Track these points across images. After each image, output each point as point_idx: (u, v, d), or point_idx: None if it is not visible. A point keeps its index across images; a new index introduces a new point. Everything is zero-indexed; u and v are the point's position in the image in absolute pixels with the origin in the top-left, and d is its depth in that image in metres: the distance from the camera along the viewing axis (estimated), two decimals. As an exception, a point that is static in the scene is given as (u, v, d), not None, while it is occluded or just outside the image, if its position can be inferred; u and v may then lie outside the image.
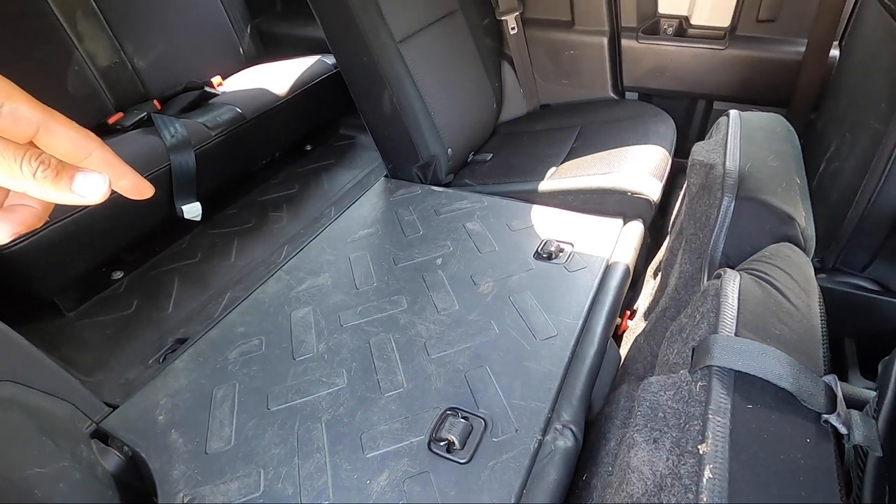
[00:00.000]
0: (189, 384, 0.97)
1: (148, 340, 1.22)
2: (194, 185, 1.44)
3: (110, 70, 1.57)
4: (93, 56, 1.54)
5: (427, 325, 1.03)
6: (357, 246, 1.28)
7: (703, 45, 1.53)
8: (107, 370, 1.16)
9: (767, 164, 0.79)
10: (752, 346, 0.47)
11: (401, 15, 1.38)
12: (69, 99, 1.49)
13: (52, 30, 1.46)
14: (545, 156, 1.51)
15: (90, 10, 1.54)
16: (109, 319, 1.30)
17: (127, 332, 1.25)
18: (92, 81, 1.54)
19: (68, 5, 1.49)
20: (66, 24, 1.49)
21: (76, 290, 1.35)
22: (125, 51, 1.62)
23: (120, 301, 1.35)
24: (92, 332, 1.27)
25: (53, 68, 1.47)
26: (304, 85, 1.78)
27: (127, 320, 1.29)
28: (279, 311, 1.11)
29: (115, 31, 1.59)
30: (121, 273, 1.43)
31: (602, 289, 1.07)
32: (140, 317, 1.30)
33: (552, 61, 1.76)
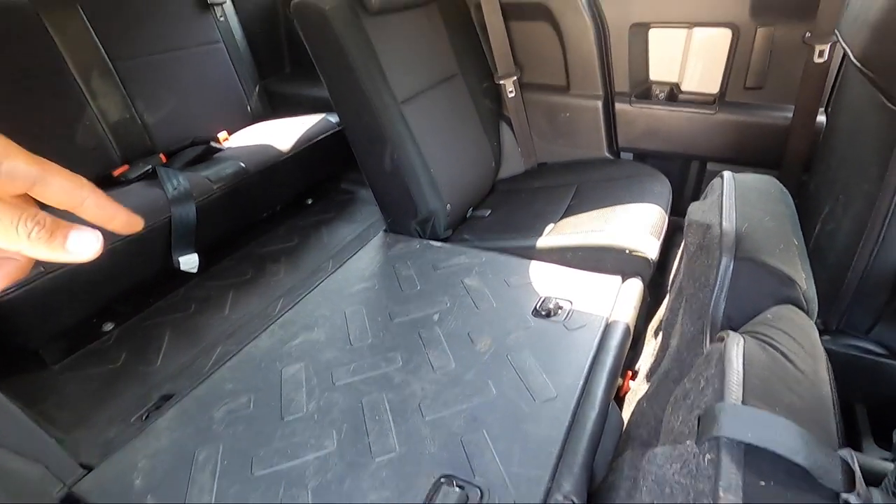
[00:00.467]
0: (171, 445, 0.93)
1: (133, 396, 1.17)
2: (193, 237, 1.44)
3: (120, 125, 1.62)
4: (104, 112, 1.59)
5: (422, 384, 1.00)
6: (354, 300, 1.27)
7: (695, 110, 1.58)
8: (87, 427, 1.11)
9: (764, 225, 0.79)
10: (762, 417, 0.45)
11: (403, 78, 1.43)
12: (77, 150, 1.53)
13: (67, 86, 1.52)
14: (543, 213, 1.52)
15: (106, 70, 1.60)
16: (95, 373, 1.26)
17: (112, 387, 1.21)
18: (101, 135, 1.58)
19: (85, 64, 1.56)
20: (82, 81, 1.55)
21: (63, 341, 1.32)
22: (136, 107, 1.68)
23: (108, 354, 1.31)
24: (76, 386, 1.23)
25: (64, 121, 1.51)
26: (308, 141, 1.83)
27: (113, 374, 1.25)
28: (270, 368, 1.08)
29: (128, 89, 1.66)
30: (112, 324, 1.40)
31: (602, 348, 1.04)
32: (127, 371, 1.26)
33: (549, 122, 1.82)
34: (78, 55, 1.54)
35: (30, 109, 1.45)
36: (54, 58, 1.50)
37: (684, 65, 1.63)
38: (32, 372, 1.27)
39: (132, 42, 1.69)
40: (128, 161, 1.62)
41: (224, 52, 1.98)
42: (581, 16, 1.59)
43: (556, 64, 1.73)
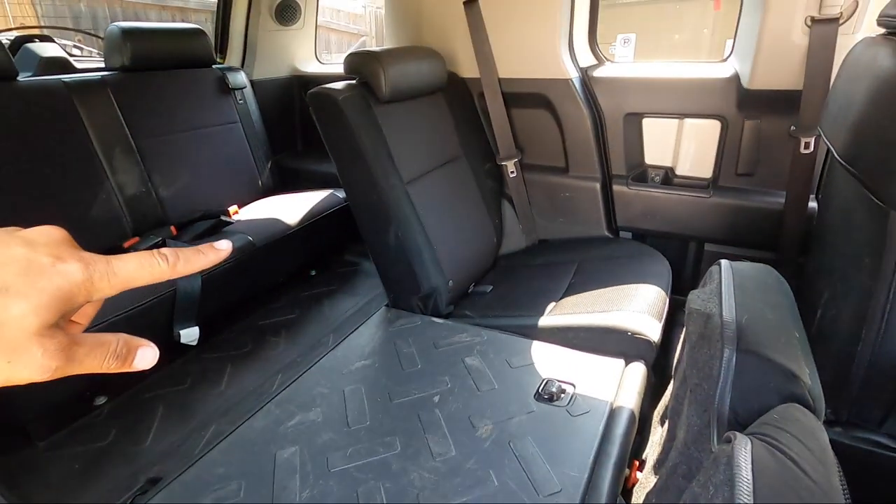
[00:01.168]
0: (153, 537, 0.88)
1: (118, 478, 1.12)
2: (196, 309, 1.45)
3: (135, 198, 1.69)
4: (122, 186, 1.66)
5: (421, 472, 0.96)
6: (353, 378, 1.25)
7: (690, 194, 1.64)
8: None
9: (764, 317, 0.80)
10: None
11: (409, 161, 1.51)
12: (90, 221, 1.58)
13: (90, 162, 1.60)
14: (544, 290, 1.54)
15: (128, 148, 1.69)
16: (82, 451, 1.21)
17: (97, 468, 1.16)
18: (116, 208, 1.64)
19: (109, 142, 1.65)
20: (104, 158, 1.63)
21: (52, 416, 1.29)
22: (153, 181, 1.75)
23: (97, 430, 1.27)
24: (60, 466, 1.18)
25: (83, 194, 1.57)
26: (315, 216, 1.88)
27: (101, 453, 1.20)
28: (264, 451, 1.04)
29: (146, 164, 1.74)
30: (104, 398, 1.37)
31: (607, 437, 1.01)
32: (115, 449, 1.21)
33: (549, 201, 1.88)
34: (103, 134, 1.63)
35: (51, 181, 1.51)
36: (81, 136, 1.59)
37: (678, 151, 1.72)
38: (16, 449, 1.22)
39: (156, 122, 1.80)
40: (139, 233, 1.66)
41: (241, 130, 2.09)
42: (578, 105, 1.70)
43: (556, 147, 1.82)
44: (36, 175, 1.48)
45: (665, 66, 1.68)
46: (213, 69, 2.05)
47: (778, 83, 1.43)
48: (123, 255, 0.29)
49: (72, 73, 1.75)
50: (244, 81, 2.13)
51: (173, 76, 1.89)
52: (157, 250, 0.31)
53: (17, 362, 0.25)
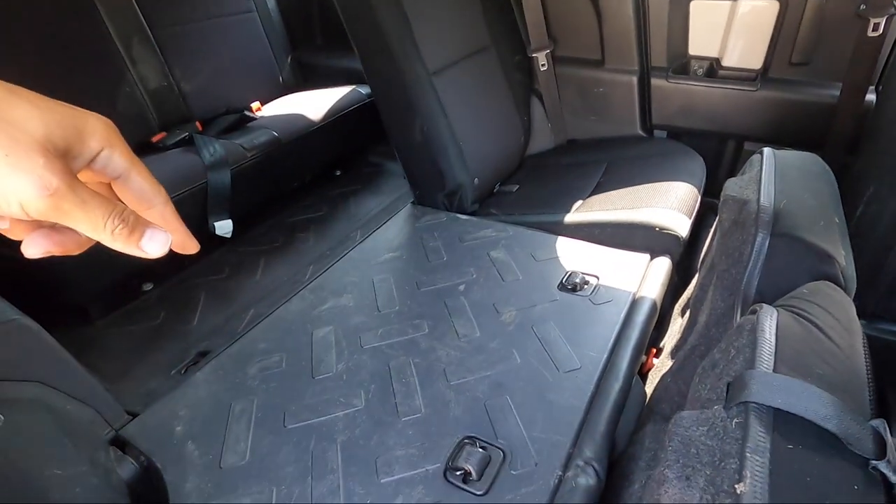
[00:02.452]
0: (208, 397, 0.98)
1: (172, 352, 1.23)
2: (228, 203, 1.49)
3: (158, 92, 1.66)
4: (144, 79, 1.63)
5: (447, 350, 1.02)
6: (381, 269, 1.29)
7: (735, 87, 1.53)
8: (129, 379, 1.17)
9: (804, 202, 0.77)
10: (793, 384, 0.45)
11: (435, 49, 1.42)
12: (118, 117, 1.57)
13: (108, 53, 1.56)
14: (572, 189, 1.51)
15: (145, 37, 1.64)
16: (136, 329, 1.32)
17: (152, 343, 1.27)
18: (140, 102, 1.62)
19: (125, 31, 1.59)
20: (123, 47, 1.59)
21: (107, 298, 1.39)
22: (174, 75, 1.71)
23: (148, 312, 1.38)
24: (118, 341, 1.29)
25: (106, 88, 1.56)
26: (338, 112, 1.84)
27: (153, 331, 1.31)
28: (301, 330, 1.12)
29: (166, 56, 1.69)
30: (151, 285, 1.47)
31: (628, 323, 1.05)
32: (165, 328, 1.32)
33: (581, 98, 1.79)
34: (119, 22, 1.58)
35: (74, 74, 1.49)
36: (97, 24, 1.54)
37: (726, 38, 1.57)
38: (78, 326, 1.34)
39: (169, 9, 1.72)
40: (165, 128, 1.66)
41: (257, 21, 1.99)
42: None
43: (592, 37, 1.69)
44: (58, 68, 1.46)
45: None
46: (224, -50, 1.90)
47: (853, -48, 1.26)
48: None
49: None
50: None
51: (183, -43, 1.77)
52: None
53: (15, 161, 0.23)
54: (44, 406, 0.83)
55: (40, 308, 1.23)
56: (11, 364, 0.82)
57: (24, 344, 0.84)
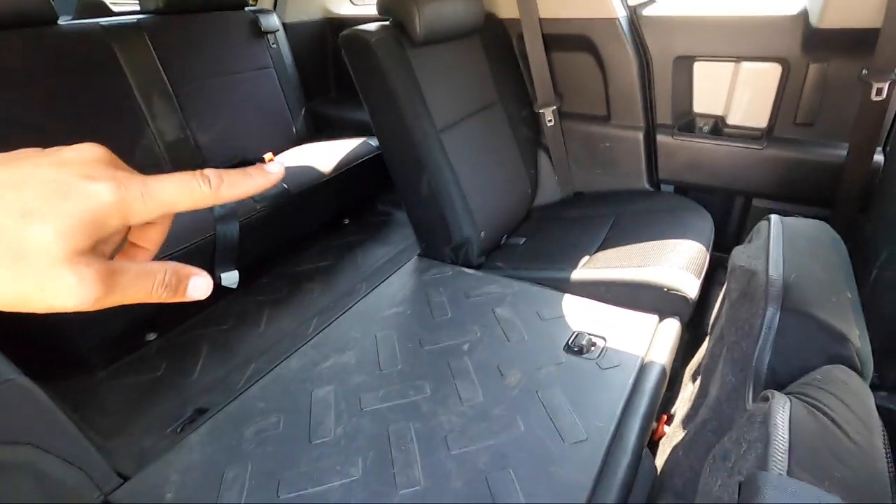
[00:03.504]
0: (202, 460, 0.95)
1: (170, 407, 1.21)
2: (236, 254, 1.50)
3: (174, 144, 1.72)
4: (162, 132, 1.68)
5: (449, 416, 0.99)
6: (385, 324, 1.28)
7: (741, 145, 1.54)
8: (124, 436, 1.15)
9: (814, 275, 0.75)
10: (810, 492, 0.42)
11: (443, 107, 1.46)
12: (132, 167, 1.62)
13: (130, 108, 1.63)
14: (578, 244, 1.50)
15: (165, 93, 1.71)
16: (136, 382, 1.31)
17: (150, 397, 1.25)
18: (157, 154, 1.67)
19: (147, 87, 1.66)
20: (144, 104, 1.65)
21: (109, 349, 1.38)
22: (190, 127, 1.77)
23: (149, 363, 1.37)
24: (117, 394, 1.28)
25: (126, 141, 1.61)
26: (348, 164, 1.88)
27: (153, 384, 1.29)
28: (300, 389, 1.10)
29: (184, 110, 1.75)
30: (154, 334, 1.46)
31: (637, 390, 1.01)
32: (166, 381, 1.30)
33: (587, 152, 1.81)
34: (142, 78, 1.65)
35: (96, 128, 1.55)
36: (120, 81, 1.61)
37: (730, 98, 1.60)
38: (78, 377, 1.33)
39: (191, 67, 1.79)
40: (179, 178, 1.70)
41: (274, 76, 2.07)
42: (624, 48, 1.58)
43: (597, 94, 1.72)
44: (79, 120, 1.52)
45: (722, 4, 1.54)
46: (246, 12, 2.01)
47: (853, 21, 1.28)
48: (162, 176, 0.27)
49: (109, 16, 1.75)
50: (277, 24, 2.09)
51: (207, 19, 1.86)
52: (200, 171, 0.28)
53: (52, 290, 0.24)
54: (33, 471, 0.81)
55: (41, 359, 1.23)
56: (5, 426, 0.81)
57: (19, 404, 0.83)
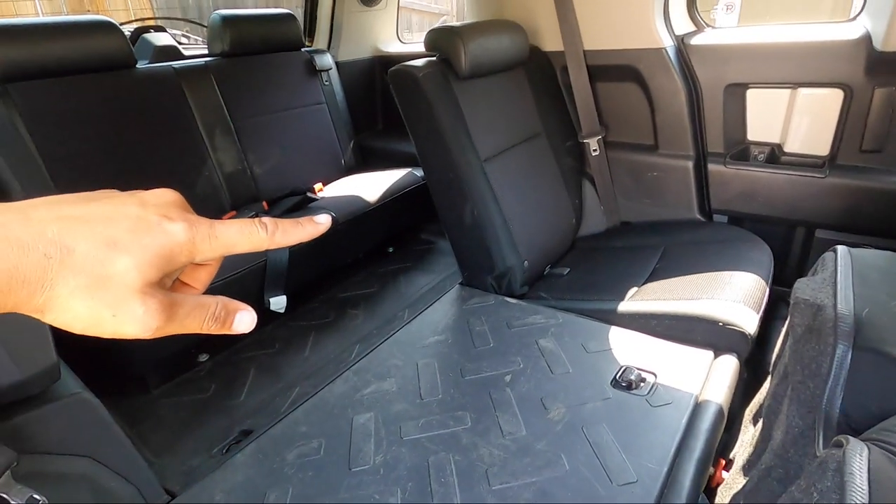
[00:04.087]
0: (245, 482, 0.96)
1: (217, 427, 1.24)
2: (284, 279, 1.55)
3: (233, 175, 1.82)
4: (222, 164, 1.80)
5: (490, 449, 0.96)
6: (426, 353, 1.27)
7: (800, 173, 1.47)
8: (173, 454, 1.19)
9: (890, 311, 0.70)
10: (896, 553, 0.38)
11: (487, 138, 1.48)
12: (195, 197, 1.73)
13: (194, 141, 1.75)
14: (625, 274, 1.46)
15: (227, 128, 1.83)
16: (187, 401, 1.36)
17: (200, 417, 1.29)
18: (217, 184, 1.78)
19: (210, 122, 1.79)
20: (207, 137, 1.77)
21: (165, 368, 1.45)
22: (247, 160, 1.88)
23: (200, 383, 1.42)
24: (169, 411, 1.33)
25: (190, 172, 1.73)
26: (394, 194, 1.92)
27: (203, 404, 1.34)
28: (342, 414, 1.10)
29: (242, 143, 1.87)
30: (206, 356, 1.52)
31: (691, 431, 0.95)
32: (214, 402, 1.34)
33: (634, 181, 1.77)
34: (206, 115, 1.78)
35: (165, 160, 1.67)
36: (187, 118, 1.74)
37: (787, 125, 1.53)
38: (136, 395, 1.39)
39: (250, 104, 1.92)
40: (235, 207, 1.80)
41: (326, 111, 2.18)
42: (672, 77, 1.57)
43: (644, 123, 1.70)
44: (151, 153, 1.65)
45: (776, 30, 1.50)
46: (302, 52, 2.14)
47: (922, 43, 1.22)
48: (226, 221, 0.30)
49: (181, 59, 1.91)
50: (330, 63, 2.21)
51: (266, 60, 2.00)
52: (258, 219, 0.31)
53: (121, 317, 0.26)
54: (89, 483, 0.85)
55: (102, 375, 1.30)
56: (68, 437, 0.86)
57: (82, 418, 0.87)
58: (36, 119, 1.42)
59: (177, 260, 0.28)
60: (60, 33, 1.47)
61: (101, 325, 0.26)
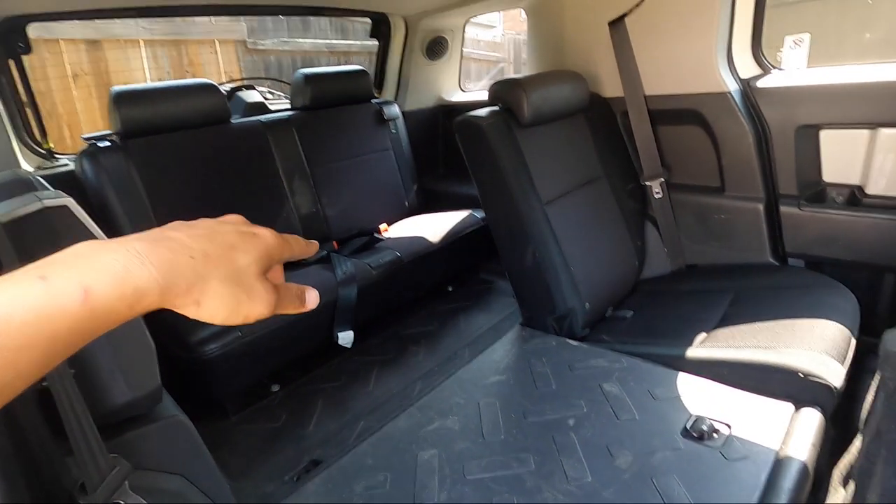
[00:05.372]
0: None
1: (288, 455, 1.31)
2: (352, 315, 1.63)
3: (308, 217, 1.97)
4: (298, 206, 1.95)
5: (555, 493, 0.95)
6: (487, 392, 1.29)
7: (887, 216, 1.39)
8: (249, 479, 1.26)
9: None
10: None
11: (548, 182, 1.53)
12: (274, 237, 1.88)
13: (275, 186, 1.92)
14: (693, 319, 1.42)
15: (304, 174, 1.99)
16: (261, 429, 1.44)
17: (273, 444, 1.37)
18: (294, 225, 1.93)
19: (290, 169, 1.96)
20: (286, 182, 1.94)
21: (242, 396, 1.55)
22: (321, 202, 2.03)
23: (273, 412, 1.50)
24: (246, 438, 1.41)
25: (271, 214, 1.89)
26: (455, 235, 1.99)
27: (275, 432, 1.41)
28: (406, 450, 1.13)
29: (317, 188, 2.02)
30: (278, 386, 1.61)
31: (772, 489, 0.90)
32: (286, 431, 1.42)
33: (700, 224, 1.74)
34: (287, 163, 1.95)
35: (250, 202, 1.85)
36: (271, 166, 1.92)
37: (868, 166, 1.47)
38: (216, 420, 1.50)
39: (325, 151, 2.09)
40: (309, 246, 1.93)
41: (392, 157, 2.32)
42: (738, 120, 1.55)
43: (709, 165, 1.68)
44: (240, 197, 1.83)
45: (850, 70, 1.46)
46: (372, 103, 2.31)
47: None
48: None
49: (267, 113, 2.12)
50: (397, 113, 2.37)
51: (341, 111, 2.18)
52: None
53: (253, 298, 0.34)
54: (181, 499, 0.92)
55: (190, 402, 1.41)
56: (165, 456, 0.94)
57: (178, 439, 0.96)
58: (148, 169, 1.63)
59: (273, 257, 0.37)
60: (172, 95, 1.69)
61: (239, 309, 0.33)
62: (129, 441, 0.89)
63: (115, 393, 0.85)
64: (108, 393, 0.84)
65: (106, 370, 0.84)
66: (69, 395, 0.72)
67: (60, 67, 3.02)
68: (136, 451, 0.90)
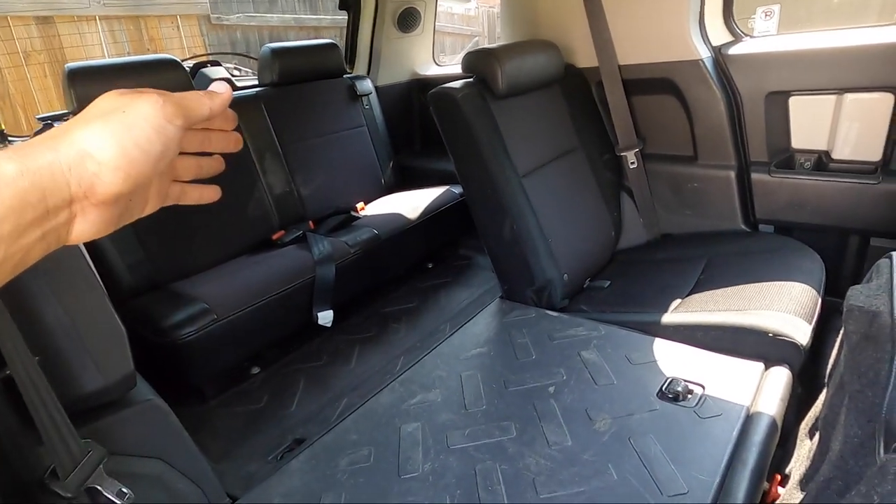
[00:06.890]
0: (301, 486, 1.01)
1: (271, 436, 1.30)
2: (331, 294, 1.62)
3: (281, 197, 1.92)
4: (271, 186, 1.90)
5: (536, 458, 0.97)
6: (469, 364, 1.30)
7: (851, 180, 1.43)
8: (231, 460, 1.25)
9: (951, 317, 0.68)
10: (962, 553, 0.37)
11: (525, 154, 1.52)
12: (247, 217, 1.83)
13: (246, 166, 1.86)
14: (668, 286, 1.45)
15: (275, 152, 1.94)
16: (242, 411, 1.43)
17: (255, 426, 1.36)
18: (266, 205, 1.88)
19: (261, 148, 1.90)
20: (257, 161, 1.89)
21: (220, 380, 1.53)
22: (294, 182, 1.98)
23: (253, 394, 1.49)
24: (226, 421, 1.40)
25: (242, 194, 1.83)
26: (433, 211, 1.98)
27: (256, 414, 1.40)
28: (389, 423, 1.14)
29: (290, 167, 1.97)
30: (258, 369, 1.60)
31: (743, 443, 0.93)
32: (267, 412, 1.41)
33: (674, 193, 1.76)
34: (257, 142, 1.89)
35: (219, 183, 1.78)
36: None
37: (834, 131, 1.50)
38: (194, 405, 1.48)
39: (297, 129, 2.03)
40: (284, 227, 1.89)
41: (366, 134, 2.27)
42: (709, 87, 1.56)
43: (682, 134, 1.70)
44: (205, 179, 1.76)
45: (817, 37, 1.48)
46: (344, 79, 2.25)
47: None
48: None
49: (235, 90, 2.05)
50: (370, 88, 2.31)
51: (311, 87, 2.11)
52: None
53: (133, 105, 0.34)
54: (162, 483, 0.91)
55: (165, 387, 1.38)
56: (142, 440, 0.92)
57: (154, 423, 0.94)
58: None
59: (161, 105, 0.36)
60: (130, 71, 1.61)
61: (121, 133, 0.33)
62: (104, 427, 0.87)
63: (86, 379, 0.82)
64: (79, 379, 0.82)
65: (75, 357, 0.81)
66: (34, 383, 0.69)
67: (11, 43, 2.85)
68: (112, 437, 0.88)
